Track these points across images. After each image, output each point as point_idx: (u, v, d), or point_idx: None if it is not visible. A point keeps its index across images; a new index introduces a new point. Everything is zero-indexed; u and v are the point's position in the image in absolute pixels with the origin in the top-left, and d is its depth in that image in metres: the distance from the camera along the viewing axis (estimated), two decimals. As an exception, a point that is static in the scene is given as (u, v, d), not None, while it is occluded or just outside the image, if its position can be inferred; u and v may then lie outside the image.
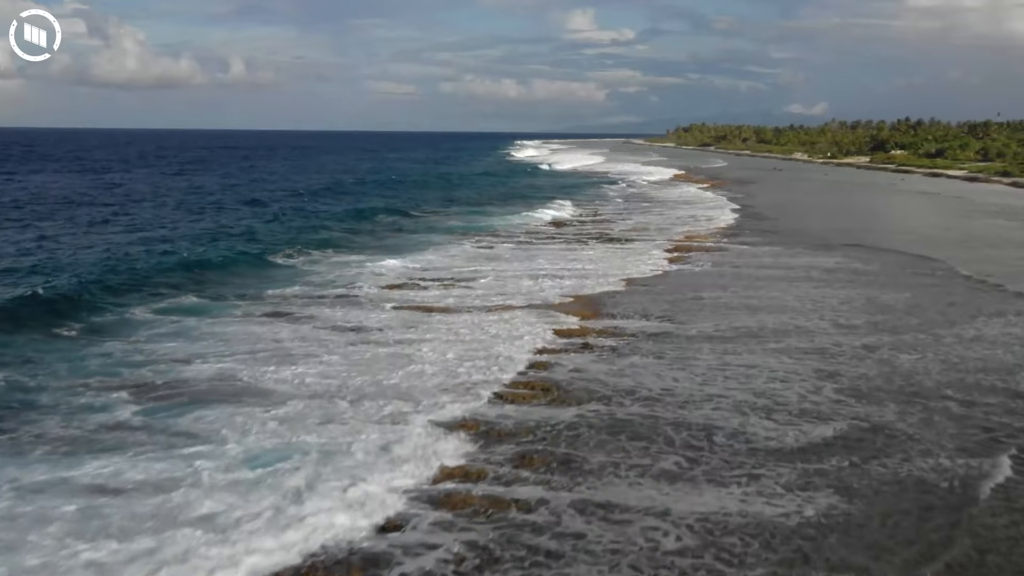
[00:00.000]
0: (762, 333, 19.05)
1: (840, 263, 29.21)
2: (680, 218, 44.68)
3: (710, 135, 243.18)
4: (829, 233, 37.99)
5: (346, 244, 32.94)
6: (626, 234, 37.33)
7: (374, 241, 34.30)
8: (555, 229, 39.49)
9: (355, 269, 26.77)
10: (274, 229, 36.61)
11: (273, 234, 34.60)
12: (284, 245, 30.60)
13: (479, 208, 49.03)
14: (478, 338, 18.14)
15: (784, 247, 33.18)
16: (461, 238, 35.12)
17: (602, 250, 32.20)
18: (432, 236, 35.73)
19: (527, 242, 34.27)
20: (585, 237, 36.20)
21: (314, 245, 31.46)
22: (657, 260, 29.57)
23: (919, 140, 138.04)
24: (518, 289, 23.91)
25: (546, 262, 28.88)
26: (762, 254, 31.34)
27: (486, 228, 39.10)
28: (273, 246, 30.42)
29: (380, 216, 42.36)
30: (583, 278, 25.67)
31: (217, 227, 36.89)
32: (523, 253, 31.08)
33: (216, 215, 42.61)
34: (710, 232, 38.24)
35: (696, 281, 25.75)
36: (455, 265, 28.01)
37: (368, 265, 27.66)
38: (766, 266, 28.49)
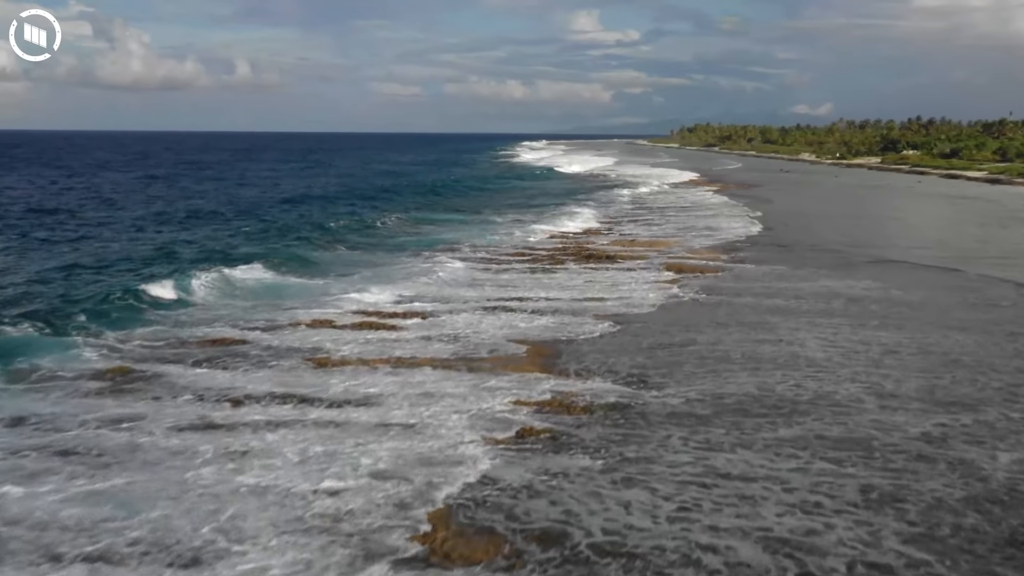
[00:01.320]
0: (767, 406, 13.42)
1: (870, 289, 23.52)
2: (682, 229, 39.03)
3: (714, 135, 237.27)
4: (850, 246, 32.32)
5: (303, 263, 27.41)
6: (621, 250, 31.70)
7: (336, 260, 28.62)
8: (542, 245, 33.85)
9: (291, 303, 21.29)
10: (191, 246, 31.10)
11: (181, 254, 29.06)
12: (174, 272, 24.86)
13: (464, 218, 43.39)
14: (351, 421, 12.60)
15: (799, 266, 27.52)
16: (430, 255, 29.55)
17: (588, 273, 26.56)
18: (400, 255, 30.14)
19: (506, 262, 28.59)
20: (571, 256, 30.57)
21: (239, 259, 25.97)
22: (650, 285, 23.95)
23: (932, 140, 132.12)
24: (460, 330, 18.38)
25: (519, 288, 23.38)
26: (773, 275, 25.67)
27: (457, 243, 33.47)
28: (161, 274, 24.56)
29: (345, 231, 36.53)
30: (551, 313, 20.09)
31: (129, 247, 31.41)
32: (496, 276, 25.48)
33: (151, 228, 37.09)
34: (713, 247, 32.58)
35: (690, 315, 20.12)
36: (406, 292, 22.51)
37: (297, 303, 22.13)
38: (777, 293, 22.83)
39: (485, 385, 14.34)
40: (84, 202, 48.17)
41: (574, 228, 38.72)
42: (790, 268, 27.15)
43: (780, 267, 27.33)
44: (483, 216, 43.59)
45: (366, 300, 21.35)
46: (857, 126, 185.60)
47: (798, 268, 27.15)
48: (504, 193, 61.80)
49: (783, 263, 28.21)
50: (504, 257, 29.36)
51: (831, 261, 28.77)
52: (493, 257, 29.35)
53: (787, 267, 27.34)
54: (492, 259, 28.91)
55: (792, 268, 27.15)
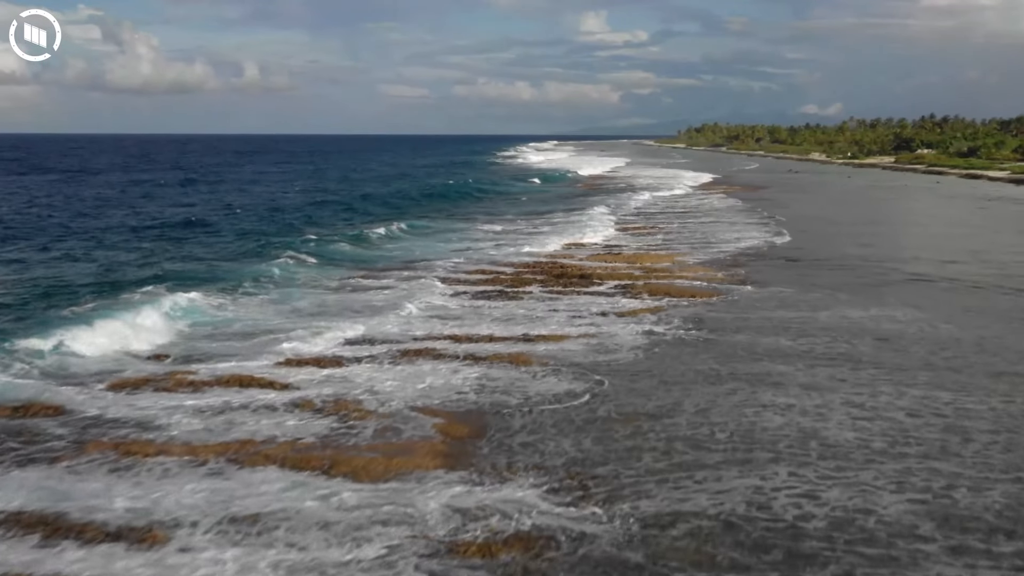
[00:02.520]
0: (752, 546, 8.55)
1: (907, 321, 18.58)
2: (677, 240, 34.18)
3: (722, 135, 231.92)
4: (872, 260, 27.38)
5: (258, 289, 22.22)
6: (599, 267, 26.89)
7: (304, 282, 23.64)
8: (518, 266, 29.04)
9: (209, 346, 16.44)
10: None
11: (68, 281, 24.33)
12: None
13: (464, 227, 38.62)
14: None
15: (812, 287, 22.64)
16: (415, 276, 24.87)
17: (553, 300, 21.80)
18: (382, 275, 25.37)
19: (483, 284, 23.89)
20: (546, 277, 25.80)
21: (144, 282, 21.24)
22: (625, 320, 19.15)
23: (947, 138, 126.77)
24: (360, 389, 13.67)
25: (472, 321, 18.77)
26: (780, 302, 20.80)
27: (445, 259, 28.71)
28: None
29: (327, 245, 31.48)
30: (489, 363, 15.32)
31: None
32: (453, 307, 20.71)
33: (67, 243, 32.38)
34: (709, 262, 27.70)
35: (669, 365, 15.27)
36: (365, 329, 17.71)
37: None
38: (786, 328, 17.95)
39: (340, 499, 9.54)
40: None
41: (565, 242, 33.90)
42: (801, 290, 22.27)
43: (789, 289, 22.45)
44: (484, 225, 38.70)
45: (307, 344, 16.45)
46: (868, 125, 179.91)
47: (811, 290, 22.28)
48: (509, 198, 56.82)
49: (793, 283, 23.34)
50: (486, 277, 24.57)
51: (852, 281, 23.86)
52: (484, 277, 24.56)
53: (797, 289, 22.46)
54: (482, 279, 24.12)
55: (804, 291, 22.28)
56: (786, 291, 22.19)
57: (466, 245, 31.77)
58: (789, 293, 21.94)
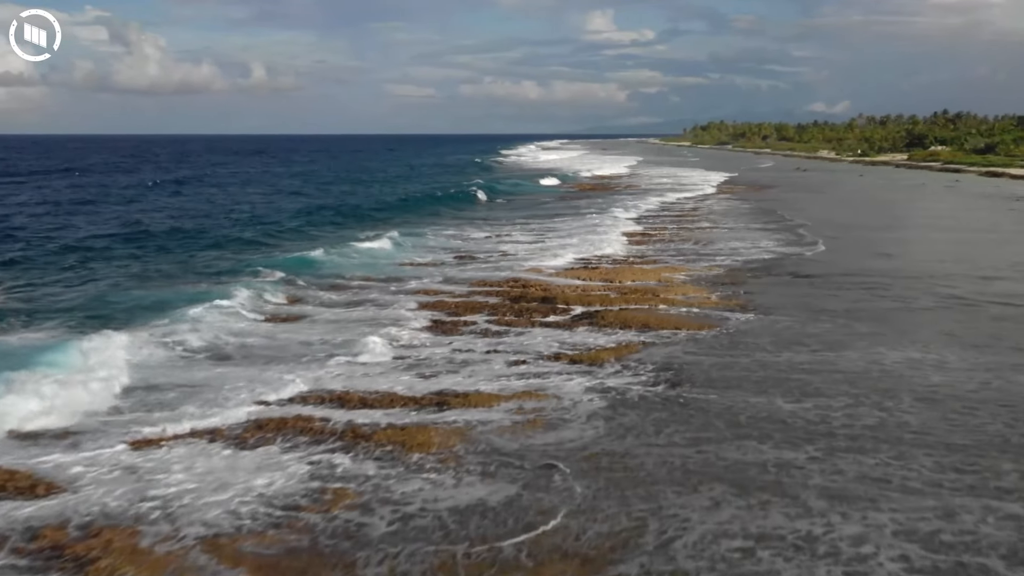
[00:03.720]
0: None
1: (967, 367, 13.88)
2: (670, 251, 29.59)
3: (728, 133, 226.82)
4: (898, 275, 22.71)
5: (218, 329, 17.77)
6: (571, 287, 22.33)
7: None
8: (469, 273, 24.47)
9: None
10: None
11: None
12: None
13: (460, 235, 34.04)
14: None
15: (826, 314, 18.00)
16: (395, 302, 20.27)
17: (509, 337, 17.26)
18: (357, 303, 20.80)
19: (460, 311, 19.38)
20: (501, 299, 21.32)
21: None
22: (583, 366, 14.62)
23: (961, 135, 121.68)
24: (184, 494, 9.28)
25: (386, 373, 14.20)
26: (787, 338, 16.15)
27: (428, 278, 24.16)
28: None
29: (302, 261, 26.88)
30: (369, 449, 10.84)
31: None
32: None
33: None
34: (704, 278, 23.09)
35: (629, 453, 10.64)
36: (303, 384, 13.23)
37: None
38: (794, 379, 13.33)
39: None
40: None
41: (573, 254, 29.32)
42: (812, 319, 17.65)
43: (797, 317, 17.82)
44: (483, 232, 34.07)
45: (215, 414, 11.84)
46: (878, 122, 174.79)
47: (824, 318, 17.66)
48: (511, 201, 51.92)
49: (802, 308, 18.70)
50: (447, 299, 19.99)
51: (875, 304, 19.20)
52: (465, 300, 19.99)
53: (807, 317, 17.84)
54: (464, 304, 19.56)
55: (815, 319, 17.66)
56: (793, 320, 17.56)
57: (457, 257, 27.16)
58: (797, 323, 17.32)
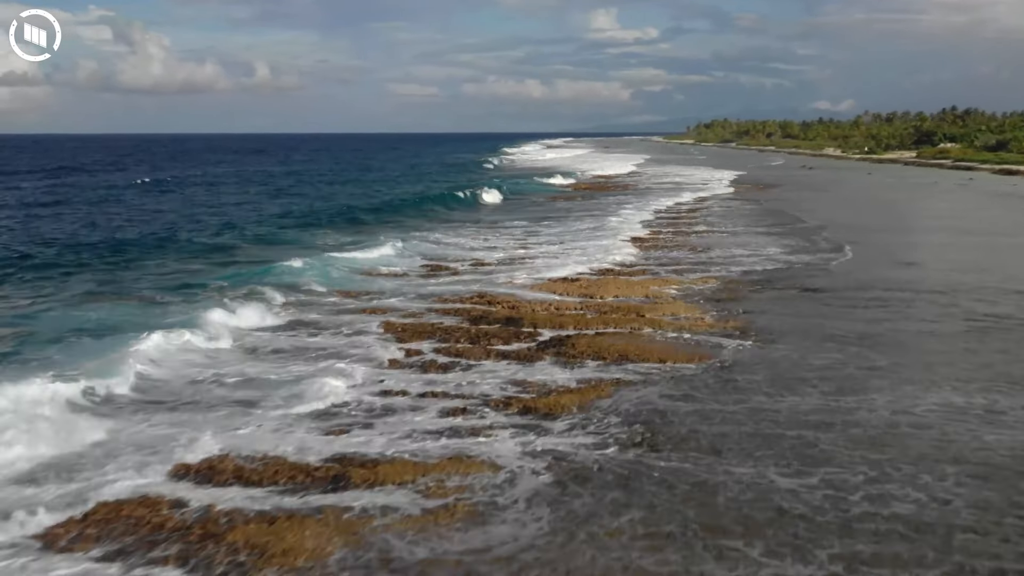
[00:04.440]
0: None
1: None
2: (660, 261, 26.64)
3: (732, 131, 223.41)
4: (924, 286, 19.68)
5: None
6: (545, 301, 19.40)
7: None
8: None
9: None
10: None
11: None
12: None
13: (457, 243, 31.09)
14: None
15: (845, 339, 15.03)
16: (355, 329, 17.27)
17: (454, 373, 14.39)
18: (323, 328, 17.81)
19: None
20: (461, 319, 18.44)
21: None
22: (534, 419, 11.75)
23: (971, 131, 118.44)
24: None
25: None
26: (794, 373, 13.19)
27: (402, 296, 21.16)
28: None
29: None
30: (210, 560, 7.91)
31: None
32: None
33: None
34: (698, 293, 20.13)
35: (576, 561, 7.74)
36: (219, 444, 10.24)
37: None
38: (800, 440, 10.38)
39: None
40: None
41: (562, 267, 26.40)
42: (823, 346, 14.70)
43: (803, 344, 14.87)
44: (480, 239, 31.10)
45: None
46: (884, 119, 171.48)
47: (838, 346, 14.71)
48: (513, 204, 48.27)
49: (811, 333, 15.73)
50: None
51: (898, 326, 16.21)
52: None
53: (817, 344, 14.89)
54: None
55: (827, 346, 14.71)
56: (798, 349, 14.59)
57: (430, 267, 24.20)
58: (802, 353, 14.36)
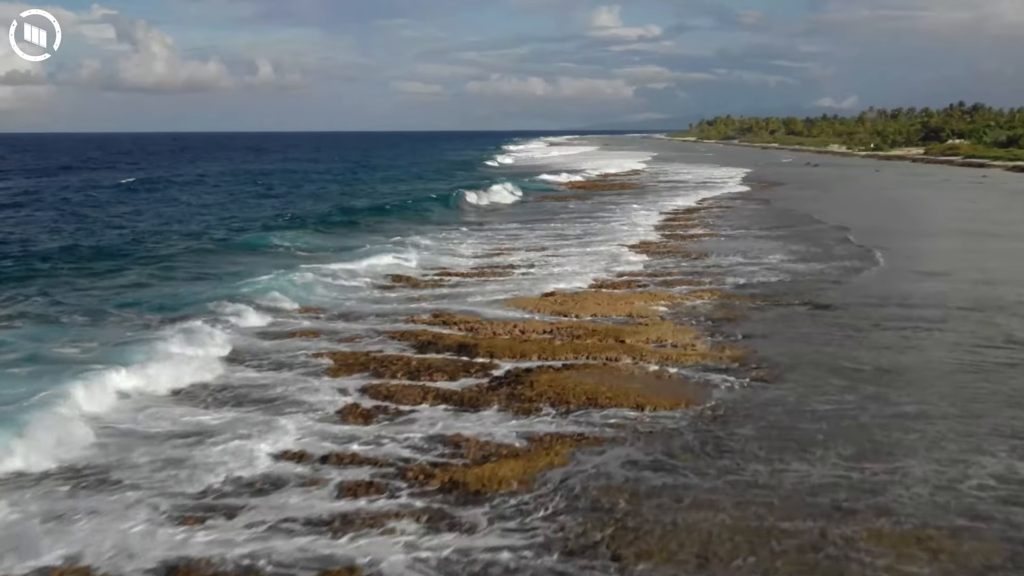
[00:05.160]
0: None
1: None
2: (651, 271, 23.65)
3: (735, 128, 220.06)
4: (956, 301, 16.63)
5: None
6: (513, 321, 16.42)
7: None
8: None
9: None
10: None
11: None
12: None
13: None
14: None
15: (867, 376, 12.00)
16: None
17: (364, 430, 11.41)
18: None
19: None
20: (405, 346, 15.48)
21: None
22: (436, 530, 8.77)
23: (979, 128, 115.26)
24: None
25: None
26: (805, 429, 10.19)
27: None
28: None
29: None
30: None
31: None
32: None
33: None
34: (687, 312, 17.12)
35: None
36: None
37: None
38: (810, 523, 7.38)
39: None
40: None
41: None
42: (832, 385, 11.70)
43: (811, 382, 11.88)
44: (470, 246, 28.12)
45: None
46: (889, 115, 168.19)
47: (852, 385, 11.71)
48: (514, 206, 44.04)
49: (825, 365, 12.73)
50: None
51: (931, 355, 13.18)
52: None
53: (826, 380, 11.89)
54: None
55: (838, 386, 11.71)
56: (805, 390, 11.59)
57: (399, 280, 21.15)
58: (810, 395, 11.36)
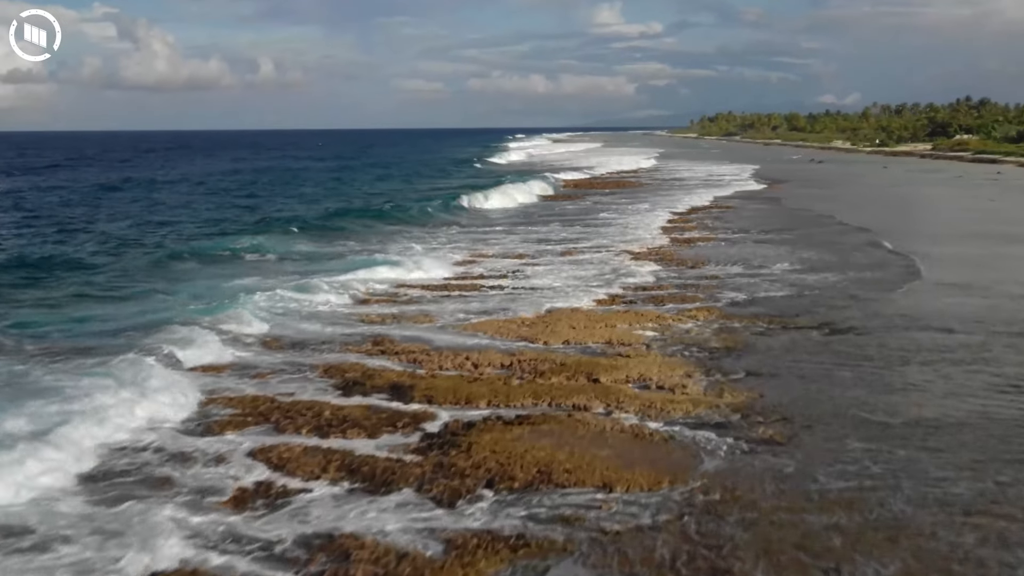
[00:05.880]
0: None
1: None
2: (635, 288, 20.79)
3: (736, 124, 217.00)
4: (1001, 325, 13.75)
5: None
6: (465, 350, 13.57)
7: None
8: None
9: None
10: None
11: None
12: None
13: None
14: None
15: (898, 437, 9.17)
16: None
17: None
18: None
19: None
20: (326, 385, 12.63)
21: None
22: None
23: (987, 123, 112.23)
24: None
25: None
26: (810, 528, 7.36)
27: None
28: None
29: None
30: None
31: None
32: None
33: None
34: (685, 338, 14.25)
35: None
36: None
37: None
38: None
39: None
40: None
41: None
42: (857, 448, 8.91)
43: (830, 445, 9.09)
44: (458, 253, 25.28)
45: None
46: (893, 111, 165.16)
47: (882, 444, 8.91)
48: (514, 209, 40.33)
49: (840, 414, 9.90)
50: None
51: (983, 406, 10.32)
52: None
53: (849, 442, 9.11)
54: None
55: (864, 449, 8.92)
56: (826, 458, 8.75)
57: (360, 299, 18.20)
58: (833, 467, 8.53)
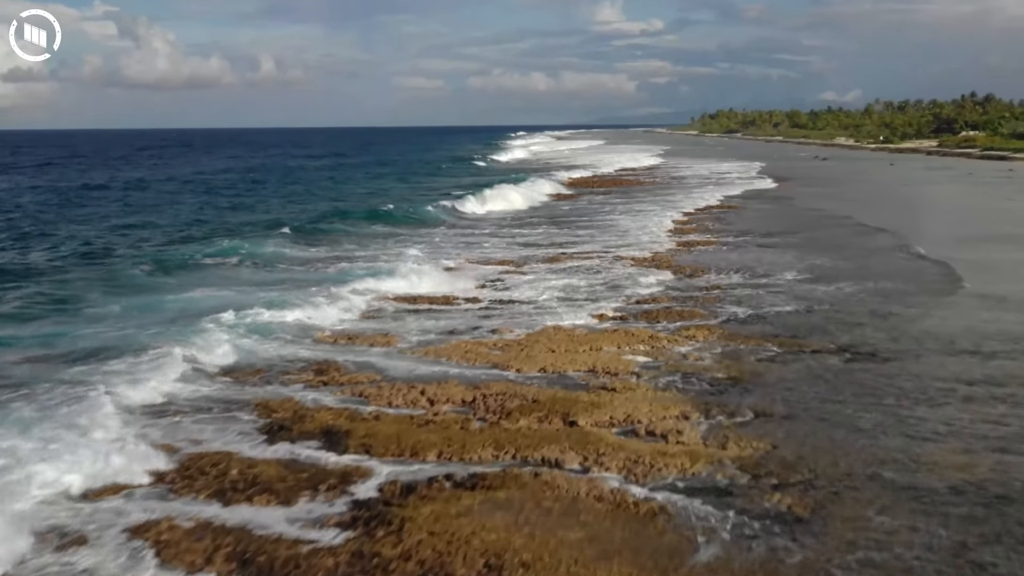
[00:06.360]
0: None
1: None
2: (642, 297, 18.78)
3: (737, 121, 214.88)
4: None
5: None
6: (418, 381, 11.55)
7: None
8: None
9: None
10: None
11: None
12: None
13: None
14: None
15: (945, 515, 7.20)
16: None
17: None
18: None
19: None
20: (252, 429, 10.55)
21: None
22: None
23: (994, 119, 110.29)
24: None
25: None
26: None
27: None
28: None
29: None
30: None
31: None
32: None
33: None
34: (681, 365, 12.26)
35: None
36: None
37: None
38: None
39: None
40: None
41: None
42: (893, 523, 6.89)
43: (865, 528, 7.05)
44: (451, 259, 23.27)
45: None
46: (896, 107, 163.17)
47: (931, 519, 6.95)
48: (516, 212, 37.67)
49: (877, 481, 7.91)
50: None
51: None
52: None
53: (878, 513, 7.08)
54: None
55: (910, 529, 6.90)
56: (867, 552, 6.75)
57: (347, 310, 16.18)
58: (871, 562, 6.53)
